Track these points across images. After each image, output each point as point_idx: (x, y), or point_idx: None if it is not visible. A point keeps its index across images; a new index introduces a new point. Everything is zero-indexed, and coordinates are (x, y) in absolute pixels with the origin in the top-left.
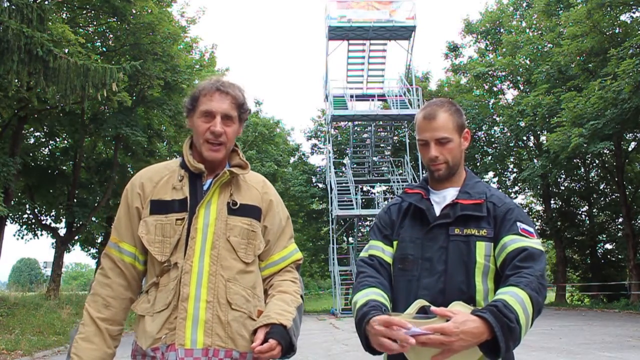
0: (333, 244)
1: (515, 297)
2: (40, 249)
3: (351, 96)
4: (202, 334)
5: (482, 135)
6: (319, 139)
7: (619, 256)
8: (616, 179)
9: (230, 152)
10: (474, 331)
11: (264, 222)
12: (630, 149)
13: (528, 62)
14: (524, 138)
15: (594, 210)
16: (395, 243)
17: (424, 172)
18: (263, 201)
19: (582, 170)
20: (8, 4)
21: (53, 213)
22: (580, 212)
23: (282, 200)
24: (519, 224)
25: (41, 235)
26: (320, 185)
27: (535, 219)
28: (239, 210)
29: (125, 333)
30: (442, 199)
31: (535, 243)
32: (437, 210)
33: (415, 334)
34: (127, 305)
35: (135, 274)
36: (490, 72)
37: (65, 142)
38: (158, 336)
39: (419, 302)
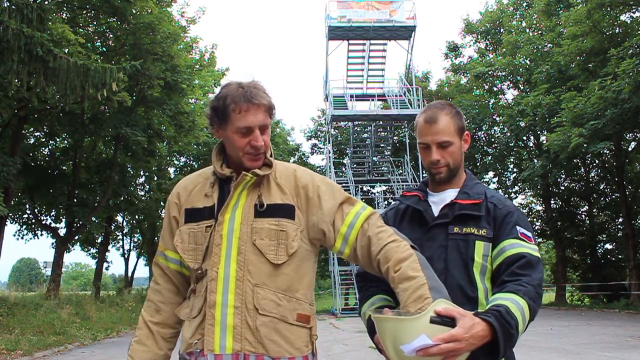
0: None
1: (516, 304)
2: (40, 249)
3: (351, 96)
4: (231, 339)
5: (482, 135)
6: (319, 139)
7: (619, 256)
8: (616, 179)
9: None
10: (481, 334)
11: (311, 217)
12: (630, 149)
13: (528, 62)
14: (524, 138)
15: (594, 210)
16: None
17: (424, 172)
18: (298, 196)
19: (582, 170)
20: (8, 4)
21: (53, 213)
22: (580, 212)
23: (328, 180)
24: (518, 227)
25: (41, 235)
26: None
27: (535, 219)
28: (266, 211)
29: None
30: (441, 200)
31: (534, 249)
32: (436, 211)
33: (425, 346)
34: None
35: (183, 280)
36: (490, 72)
37: (65, 142)
38: (191, 341)
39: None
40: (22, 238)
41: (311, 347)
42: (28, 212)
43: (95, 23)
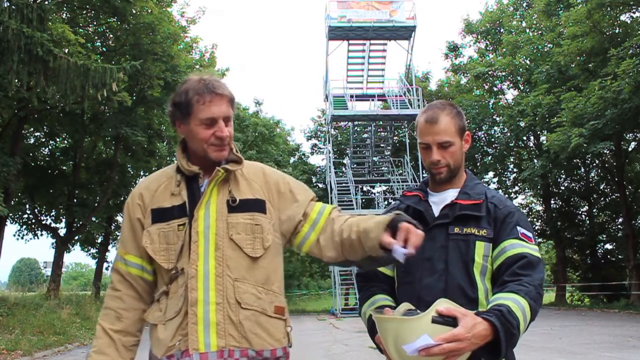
0: None
1: (517, 304)
2: (40, 249)
3: (351, 96)
4: (215, 336)
5: (482, 135)
6: (319, 139)
7: (619, 256)
8: (616, 179)
9: None
10: (483, 334)
11: (285, 212)
12: (630, 149)
13: (528, 62)
14: (524, 138)
15: (594, 210)
16: None
17: (424, 172)
18: (268, 191)
19: (582, 170)
20: (8, 4)
21: (53, 213)
22: (580, 212)
23: (295, 179)
24: (519, 228)
25: (41, 235)
26: (320, 185)
27: (535, 219)
28: (239, 206)
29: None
30: (442, 200)
31: (534, 250)
32: (436, 211)
33: (427, 346)
34: (140, 316)
35: (145, 285)
36: (490, 72)
37: (65, 142)
38: (171, 344)
39: (405, 305)
40: (22, 238)
41: (287, 338)
42: (28, 212)
43: (95, 23)
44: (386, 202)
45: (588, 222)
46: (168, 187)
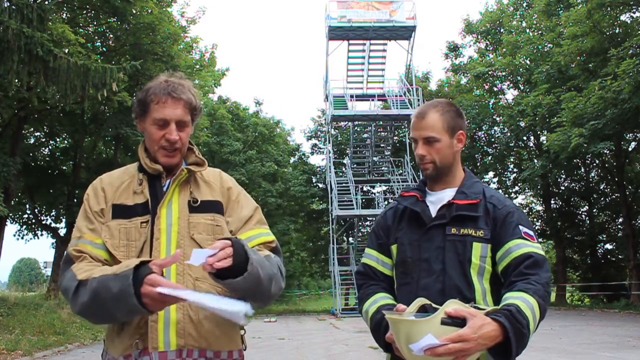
0: (333, 244)
1: (526, 303)
2: (40, 249)
3: (351, 96)
4: (174, 335)
5: (482, 135)
6: (319, 139)
7: (619, 256)
8: (616, 179)
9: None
10: (491, 334)
11: (228, 215)
12: (630, 149)
13: (528, 62)
14: (524, 138)
15: (594, 210)
16: (394, 247)
17: None
18: (223, 195)
19: (582, 170)
20: (8, 4)
21: (53, 213)
22: (580, 212)
23: (244, 189)
24: (521, 227)
25: (41, 235)
26: (320, 185)
27: (535, 219)
28: (200, 207)
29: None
30: (439, 200)
31: (539, 248)
32: (434, 211)
33: (432, 346)
34: None
35: None
36: (490, 72)
37: (65, 142)
38: (129, 342)
39: (419, 301)
40: (22, 238)
41: (242, 340)
42: (28, 212)
43: (95, 23)
44: (386, 202)
45: (588, 222)
46: (131, 185)
